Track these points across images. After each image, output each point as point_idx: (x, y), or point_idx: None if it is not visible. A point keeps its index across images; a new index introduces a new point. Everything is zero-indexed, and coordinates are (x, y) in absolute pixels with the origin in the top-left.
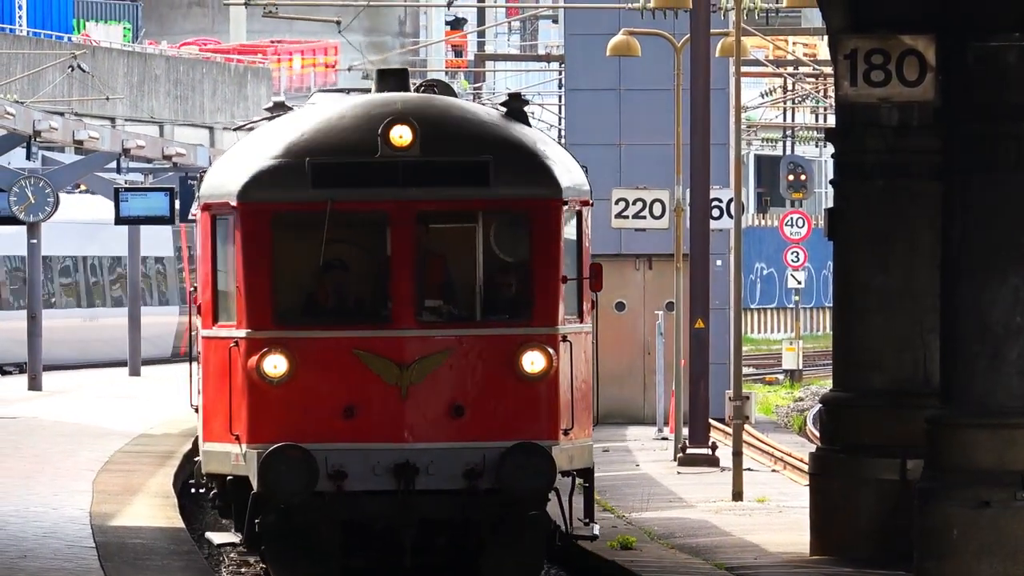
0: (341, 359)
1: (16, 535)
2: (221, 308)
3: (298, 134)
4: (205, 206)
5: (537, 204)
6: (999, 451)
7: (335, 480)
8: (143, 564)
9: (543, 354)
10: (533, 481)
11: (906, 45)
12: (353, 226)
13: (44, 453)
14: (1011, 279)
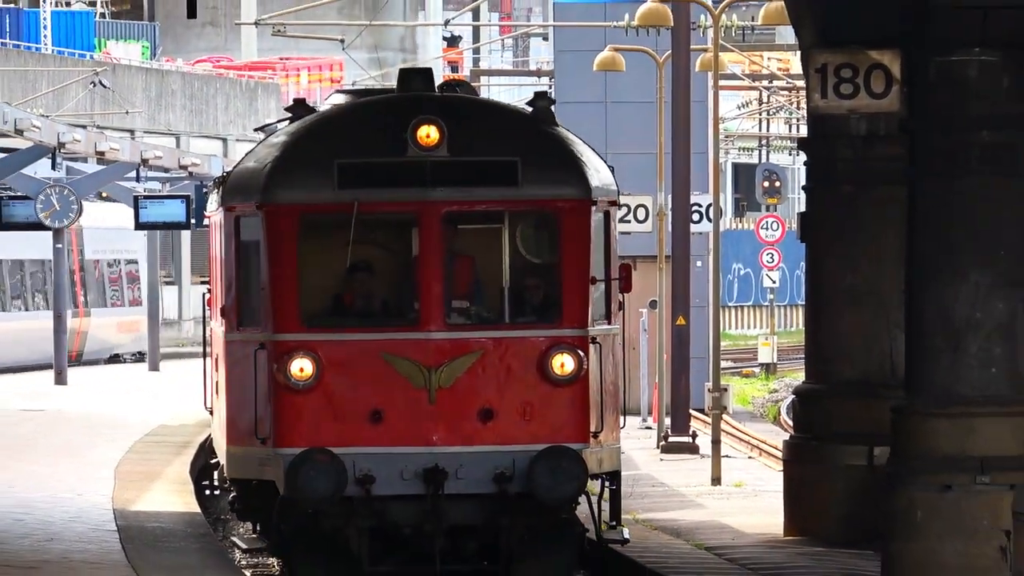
0: (368, 362)
1: (44, 519)
2: (245, 311)
3: (323, 134)
4: (229, 207)
5: (566, 204)
6: (960, 438)
7: (363, 485)
8: (162, 546)
9: (573, 356)
10: (564, 485)
11: (873, 60)
12: (380, 227)
13: (69, 443)
14: (971, 277)
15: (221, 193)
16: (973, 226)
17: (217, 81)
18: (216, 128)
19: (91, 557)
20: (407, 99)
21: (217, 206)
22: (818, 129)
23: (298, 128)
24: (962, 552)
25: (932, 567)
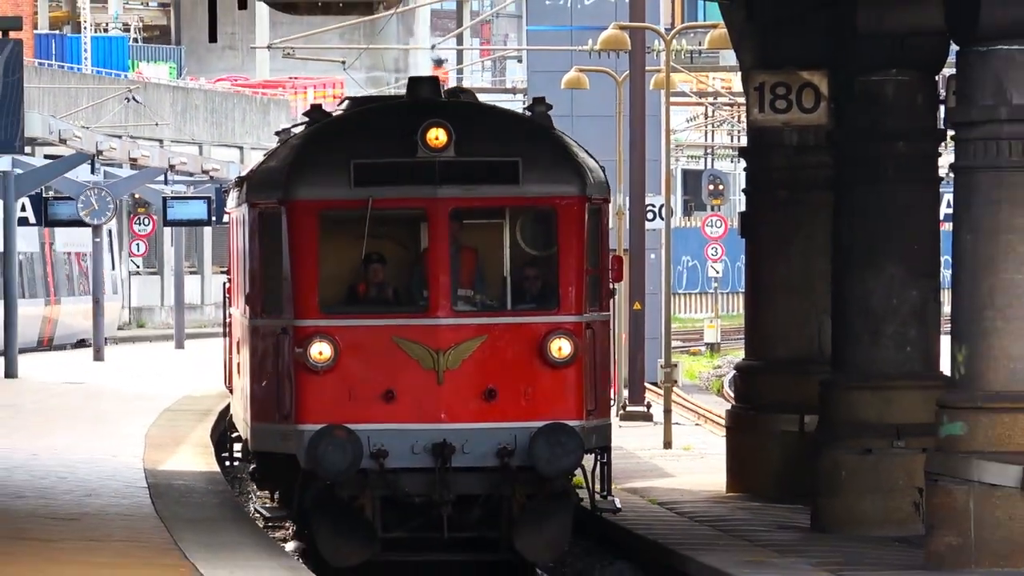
0: (382, 346)
1: (83, 478)
2: (268, 298)
3: (340, 136)
4: (253, 203)
5: (563, 201)
6: (879, 408)
7: (377, 458)
8: (186, 501)
9: (570, 341)
10: (563, 459)
11: (804, 79)
12: (392, 222)
13: (105, 412)
14: (888, 270)
15: (245, 190)
16: (890, 225)
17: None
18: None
19: (124, 510)
20: (417, 104)
21: (237, 204)
22: (756, 140)
23: (316, 131)
24: (880, 507)
25: (854, 520)
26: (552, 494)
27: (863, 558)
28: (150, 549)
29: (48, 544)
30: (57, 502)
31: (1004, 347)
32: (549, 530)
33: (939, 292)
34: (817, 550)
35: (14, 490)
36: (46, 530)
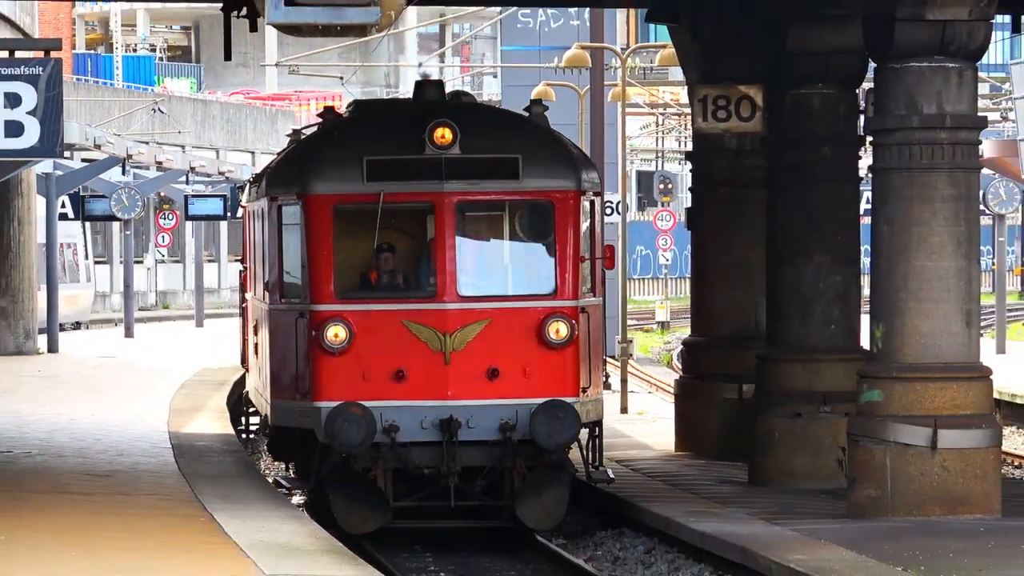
0: (393, 329)
1: (116, 439)
2: (287, 285)
3: (354, 135)
4: (272, 197)
5: (560, 194)
6: (808, 378)
7: (389, 433)
8: (205, 459)
9: (566, 324)
10: (562, 433)
11: (742, 92)
12: (401, 214)
13: (136, 383)
14: (815, 258)
15: (265, 185)
16: (817, 219)
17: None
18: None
19: (152, 467)
20: (425, 105)
21: (256, 198)
22: (700, 145)
23: (331, 130)
24: (809, 464)
25: (786, 475)
26: (550, 466)
27: (794, 508)
28: (174, 501)
29: (86, 497)
30: (93, 460)
31: (916, 325)
32: (548, 499)
33: (859, 277)
34: (754, 501)
35: (56, 450)
36: (83, 485)
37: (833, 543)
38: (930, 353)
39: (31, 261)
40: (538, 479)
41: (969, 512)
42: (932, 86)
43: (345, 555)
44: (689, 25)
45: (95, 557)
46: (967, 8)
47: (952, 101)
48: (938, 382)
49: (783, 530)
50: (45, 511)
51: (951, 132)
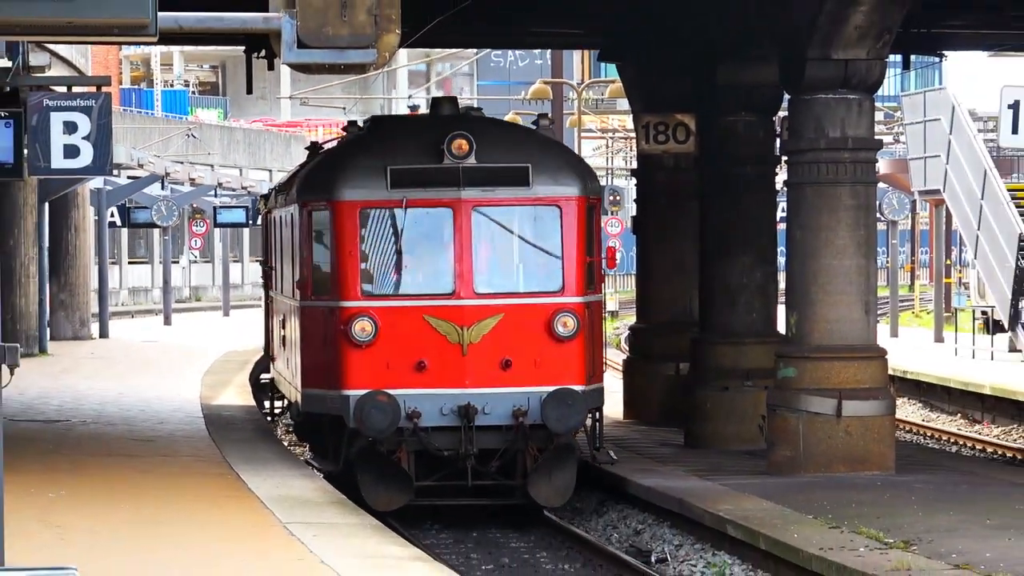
0: (415, 323)
1: (157, 410)
2: (317, 283)
3: (379, 146)
4: (303, 203)
5: (566, 200)
6: (734, 357)
7: (411, 419)
8: (231, 427)
9: (573, 319)
10: (571, 418)
11: (678, 119)
12: (422, 218)
13: (173, 362)
14: (740, 258)
15: (296, 192)
16: (741, 225)
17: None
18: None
19: (187, 433)
20: (443, 119)
21: (278, 205)
22: (644, 163)
23: (356, 141)
24: (735, 429)
25: (715, 439)
26: (559, 448)
27: (722, 466)
28: (206, 462)
29: (132, 458)
30: (138, 428)
31: (823, 313)
32: (557, 479)
33: (776, 274)
34: (689, 461)
35: (107, 419)
36: (130, 448)
37: (755, 495)
38: (835, 336)
39: (85, 261)
40: (548, 461)
41: (868, 469)
42: (836, 114)
43: (348, 506)
44: (634, 64)
45: (140, 508)
46: (865, 49)
47: (853, 126)
48: (842, 361)
49: (713, 484)
50: (99, 470)
51: (852, 152)
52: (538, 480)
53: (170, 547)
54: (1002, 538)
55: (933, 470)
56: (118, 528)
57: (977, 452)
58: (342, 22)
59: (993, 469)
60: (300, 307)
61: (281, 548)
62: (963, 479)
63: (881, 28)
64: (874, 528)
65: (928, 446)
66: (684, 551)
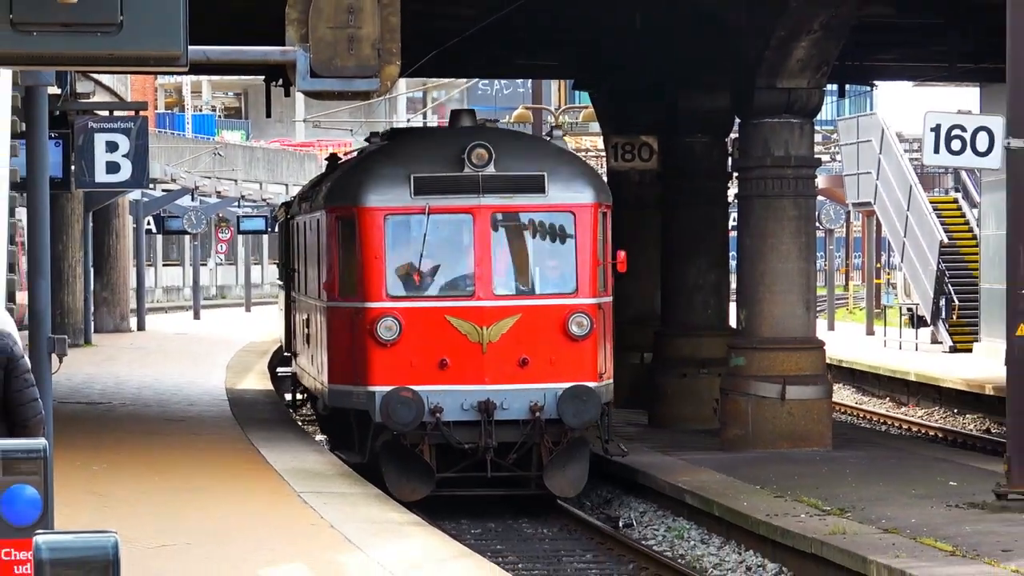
0: (437, 323)
1: (188, 394)
2: (344, 285)
3: (402, 155)
4: (330, 209)
5: (579, 207)
6: (692, 348)
7: (434, 414)
8: (253, 408)
9: (587, 319)
10: (586, 413)
11: (643, 140)
12: (444, 223)
13: (202, 352)
14: (697, 261)
15: (322, 199)
16: (698, 232)
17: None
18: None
19: (214, 413)
20: (464, 130)
21: (301, 212)
22: (613, 178)
23: (378, 151)
24: (693, 411)
25: (675, 420)
26: (573, 442)
27: (682, 443)
28: (230, 440)
29: (166, 436)
30: (171, 409)
31: (770, 310)
32: (572, 470)
33: (728, 275)
34: (652, 439)
35: (143, 402)
36: (164, 427)
37: (710, 468)
38: (780, 330)
39: (125, 263)
40: (563, 454)
41: (808, 446)
42: (781, 136)
43: (354, 477)
44: (604, 92)
45: (173, 479)
46: (806, 79)
47: (795, 147)
48: (786, 351)
49: (673, 459)
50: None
51: (795, 169)
52: (553, 472)
53: (199, 514)
54: (925, 506)
55: (865, 447)
56: (153, 497)
57: (903, 431)
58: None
59: (917, 446)
60: (327, 307)
61: (296, 514)
62: (891, 455)
63: (820, 61)
64: (813, 497)
65: (861, 426)
66: (647, 517)
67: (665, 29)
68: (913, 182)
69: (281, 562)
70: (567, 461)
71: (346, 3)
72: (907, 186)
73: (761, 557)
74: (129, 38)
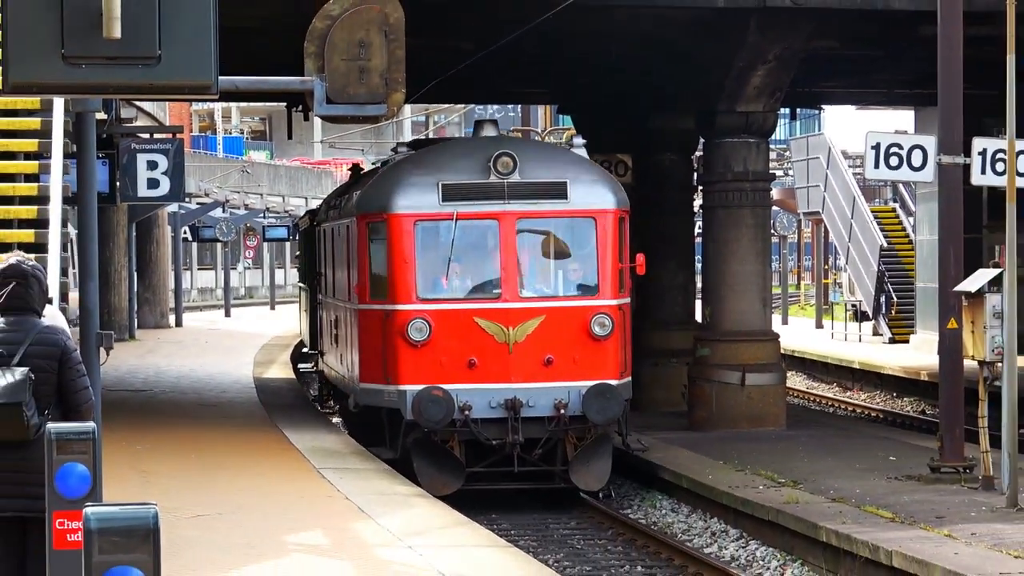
0: (465, 324)
1: (220, 383)
2: (374, 288)
3: (429, 164)
4: (361, 216)
5: (600, 212)
6: (664, 341)
7: (463, 411)
8: (277, 394)
9: (609, 319)
10: (610, 410)
11: (619, 158)
12: (471, 229)
13: (233, 345)
14: (668, 264)
15: (353, 206)
16: (669, 239)
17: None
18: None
19: (243, 400)
20: (488, 140)
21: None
22: None
23: (406, 161)
24: (664, 396)
25: (651, 403)
26: (596, 438)
27: (656, 424)
28: (258, 423)
29: (201, 419)
30: (205, 396)
31: (732, 306)
32: (595, 465)
33: (695, 276)
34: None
35: (181, 389)
36: (199, 411)
37: (679, 446)
38: (740, 324)
39: (164, 267)
40: (587, 449)
41: (765, 426)
42: (740, 154)
43: (366, 455)
44: (584, 115)
45: (207, 457)
46: (762, 104)
47: (753, 163)
48: (745, 343)
49: (648, 439)
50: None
51: (752, 183)
52: (578, 466)
53: (230, 487)
54: (868, 478)
55: (815, 426)
56: (190, 472)
57: (849, 412)
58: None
59: (861, 425)
60: (358, 310)
61: (314, 487)
62: (838, 433)
63: (774, 88)
64: (770, 471)
65: (812, 408)
66: (624, 490)
67: (638, 60)
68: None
69: (302, 529)
70: (591, 456)
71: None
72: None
73: (724, 524)
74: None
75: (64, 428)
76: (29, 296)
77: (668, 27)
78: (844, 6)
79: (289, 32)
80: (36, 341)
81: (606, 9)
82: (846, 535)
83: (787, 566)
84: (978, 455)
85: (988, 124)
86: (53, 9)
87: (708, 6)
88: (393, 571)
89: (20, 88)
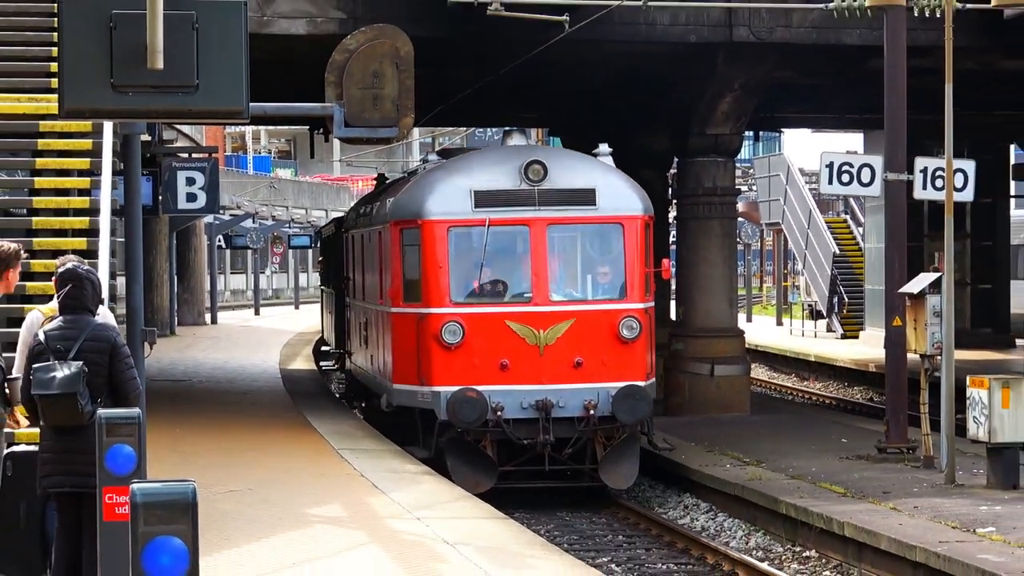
0: (497, 327)
1: (251, 373)
2: (408, 292)
3: (462, 171)
4: (395, 222)
5: (627, 219)
6: None
7: (496, 412)
8: (300, 383)
9: (636, 322)
10: (639, 411)
11: None
12: (503, 234)
13: (261, 340)
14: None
15: (387, 212)
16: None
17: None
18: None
19: (270, 389)
20: (518, 148)
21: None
22: None
23: (439, 169)
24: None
25: None
26: (625, 438)
27: None
28: (284, 409)
29: (234, 405)
30: (237, 385)
31: (703, 306)
32: (624, 464)
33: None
34: None
35: (216, 379)
36: (231, 398)
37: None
38: (710, 322)
39: (201, 271)
40: (616, 449)
41: (732, 412)
42: (709, 171)
43: (380, 437)
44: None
45: (237, 439)
46: (729, 127)
47: (721, 179)
48: (714, 338)
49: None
50: (211, 413)
51: (720, 197)
52: (607, 466)
53: (259, 467)
54: (823, 458)
55: (776, 412)
56: (224, 453)
57: (805, 400)
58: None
59: (817, 412)
60: (391, 313)
61: (333, 466)
62: (796, 418)
63: (739, 113)
64: (736, 451)
65: (773, 396)
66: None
67: (620, 87)
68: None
69: (322, 503)
70: (620, 456)
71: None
72: (807, 210)
73: (696, 498)
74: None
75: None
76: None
77: (647, 59)
78: (802, 41)
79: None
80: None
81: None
82: (803, 508)
83: (751, 535)
84: (920, 437)
85: (928, 145)
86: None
87: (682, 41)
88: (403, 539)
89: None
